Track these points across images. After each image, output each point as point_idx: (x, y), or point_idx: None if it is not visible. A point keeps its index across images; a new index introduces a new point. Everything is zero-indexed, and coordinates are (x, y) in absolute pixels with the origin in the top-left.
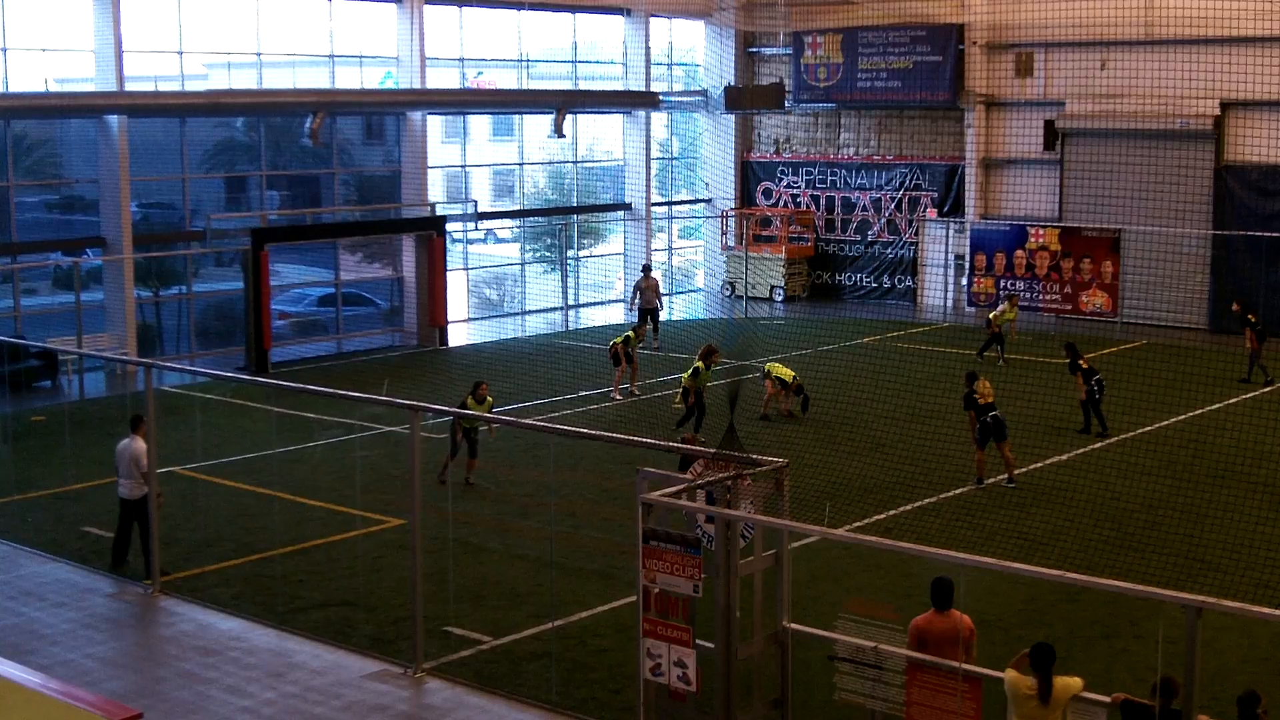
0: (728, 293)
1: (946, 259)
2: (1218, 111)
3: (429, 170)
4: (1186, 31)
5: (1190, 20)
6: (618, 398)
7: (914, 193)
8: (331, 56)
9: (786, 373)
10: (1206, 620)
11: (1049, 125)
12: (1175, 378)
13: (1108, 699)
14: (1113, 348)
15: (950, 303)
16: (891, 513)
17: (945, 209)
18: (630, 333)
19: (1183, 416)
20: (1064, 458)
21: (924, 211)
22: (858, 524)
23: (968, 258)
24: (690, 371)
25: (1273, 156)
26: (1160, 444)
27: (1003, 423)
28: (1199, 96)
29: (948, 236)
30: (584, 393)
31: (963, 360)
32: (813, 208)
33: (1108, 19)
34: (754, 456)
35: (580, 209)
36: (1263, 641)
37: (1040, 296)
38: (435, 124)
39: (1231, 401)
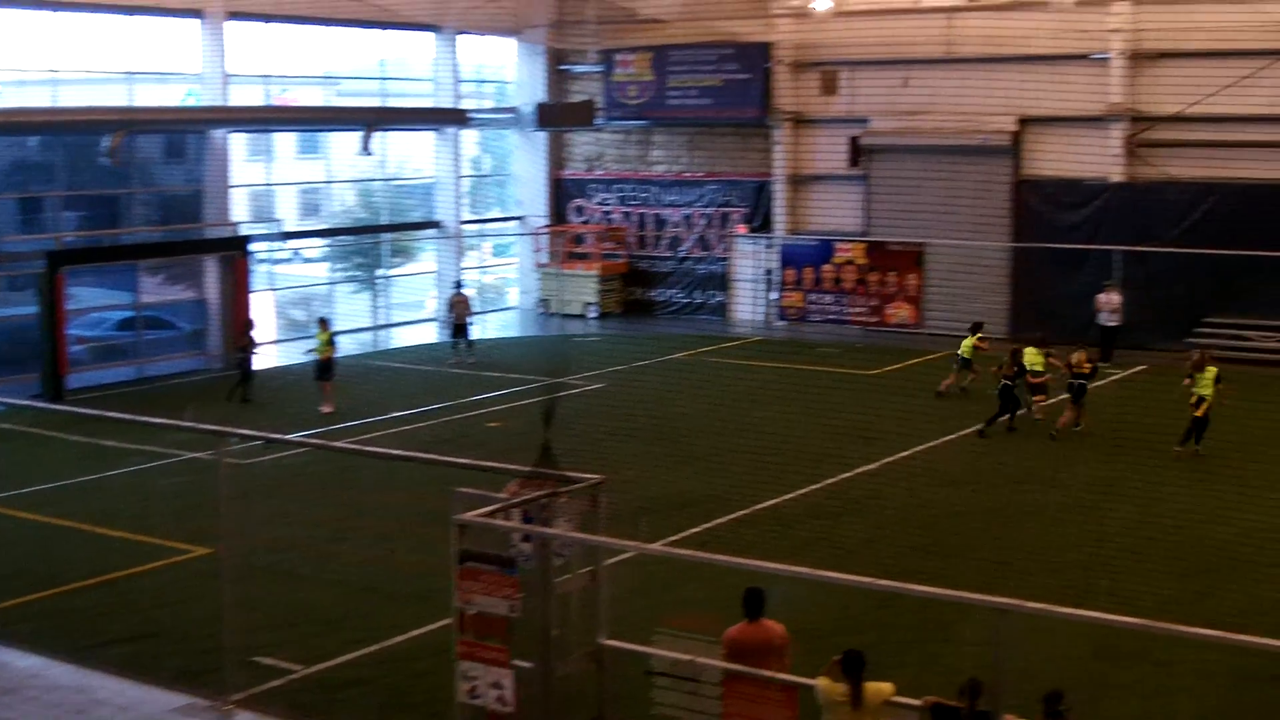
0: (542, 310)
1: (756, 274)
2: (1016, 127)
3: (233, 189)
4: (985, 50)
5: (988, 39)
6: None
7: (724, 209)
8: (130, 73)
9: (1038, 359)
10: (1012, 622)
11: (854, 142)
12: (978, 387)
13: (919, 702)
14: (917, 359)
15: (761, 317)
16: (707, 525)
17: (755, 225)
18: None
19: (984, 425)
20: (873, 466)
21: (734, 227)
22: (674, 538)
23: (777, 272)
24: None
25: (1068, 170)
26: (965, 451)
27: None
28: (997, 113)
29: (757, 252)
30: (395, 414)
31: (775, 373)
32: (625, 224)
33: (909, 38)
34: (570, 473)
35: (390, 227)
36: (1066, 640)
37: (847, 310)
38: (239, 142)
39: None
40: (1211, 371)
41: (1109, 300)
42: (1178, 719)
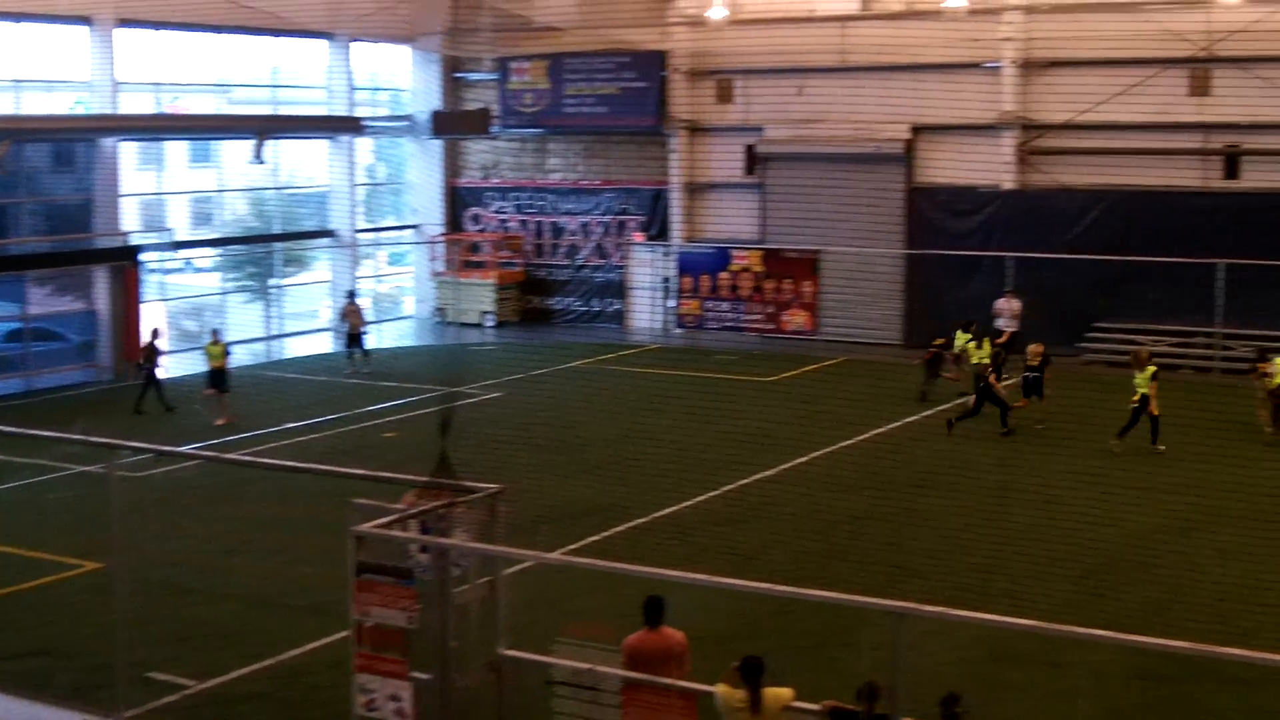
0: (438, 319)
1: (654, 282)
2: (909, 135)
3: (123, 199)
4: (878, 59)
5: (882, 48)
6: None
7: (621, 217)
8: (17, 81)
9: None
10: (909, 625)
11: (750, 150)
12: (875, 392)
13: (818, 707)
14: (814, 365)
15: (659, 325)
16: (606, 534)
17: (652, 233)
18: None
19: (883, 429)
20: (771, 472)
21: (631, 235)
22: (573, 547)
23: (674, 280)
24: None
25: (961, 178)
26: (862, 456)
27: None
28: (891, 121)
29: (655, 260)
30: (290, 425)
31: (673, 380)
32: (522, 233)
33: (804, 47)
34: (467, 483)
35: (283, 236)
36: (963, 643)
37: (744, 317)
38: (129, 150)
39: (928, 413)
40: (1150, 369)
41: (1009, 306)
42: (1073, 719)
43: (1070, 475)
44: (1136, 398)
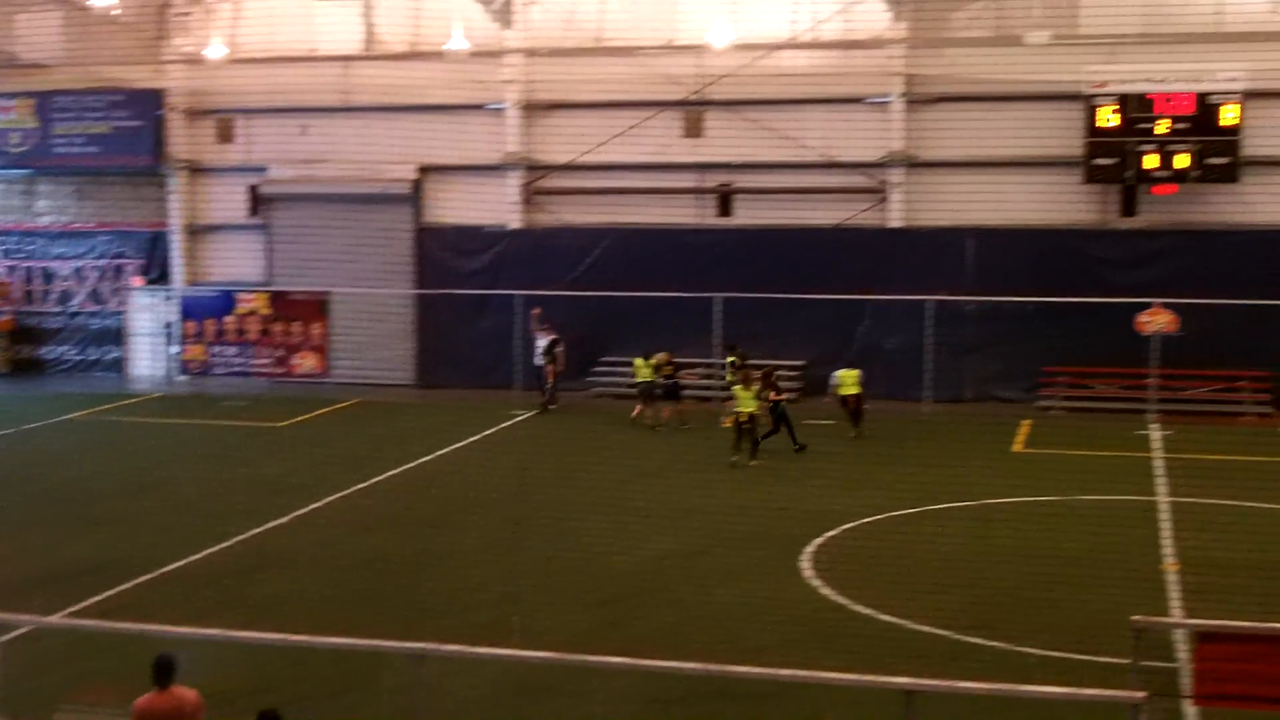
0: None
1: (156, 327)
2: (416, 175)
3: None
4: (383, 99)
5: (385, 89)
6: None
7: (118, 260)
8: None
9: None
10: (429, 666)
11: (253, 190)
12: (389, 433)
13: None
14: (325, 408)
15: (162, 372)
16: (110, 592)
17: (152, 276)
18: None
19: (395, 471)
20: (284, 520)
21: (129, 279)
22: (75, 608)
23: (177, 325)
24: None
25: (469, 218)
26: (378, 498)
27: None
28: (397, 161)
29: (156, 304)
30: None
31: (178, 429)
32: (9, 279)
33: (306, 86)
34: None
35: None
36: (486, 679)
37: (252, 361)
38: None
39: (443, 452)
40: (755, 389)
41: (545, 339)
42: None
43: (582, 506)
44: (745, 415)
